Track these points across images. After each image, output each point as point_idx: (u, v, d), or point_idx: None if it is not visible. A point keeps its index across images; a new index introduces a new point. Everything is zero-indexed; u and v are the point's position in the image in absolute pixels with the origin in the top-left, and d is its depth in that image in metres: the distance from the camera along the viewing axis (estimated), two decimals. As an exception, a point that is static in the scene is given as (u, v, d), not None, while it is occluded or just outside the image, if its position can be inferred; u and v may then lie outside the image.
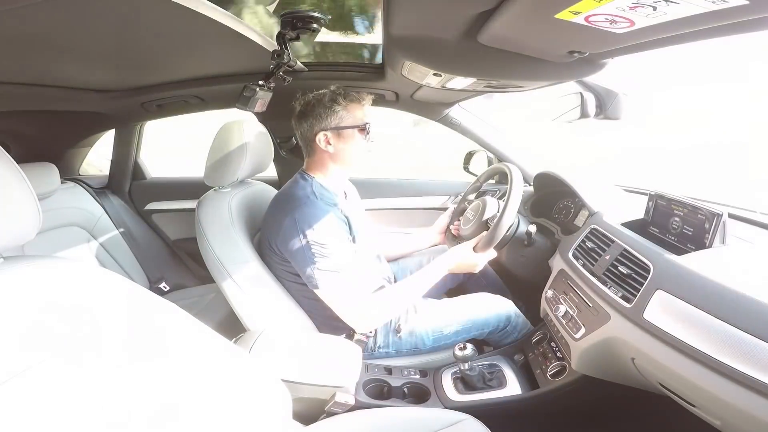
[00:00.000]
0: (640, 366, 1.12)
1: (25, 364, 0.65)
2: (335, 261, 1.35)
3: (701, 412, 0.99)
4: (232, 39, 1.30)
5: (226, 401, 0.92)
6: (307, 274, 1.36)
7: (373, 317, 1.44)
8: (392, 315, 1.50)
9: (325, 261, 1.34)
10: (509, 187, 1.51)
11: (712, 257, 1.06)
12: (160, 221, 2.75)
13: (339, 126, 1.45)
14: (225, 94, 2.10)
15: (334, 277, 1.35)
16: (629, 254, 1.24)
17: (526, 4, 0.78)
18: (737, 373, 0.83)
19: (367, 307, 1.41)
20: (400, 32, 1.14)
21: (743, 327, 0.85)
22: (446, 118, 2.30)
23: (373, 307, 1.42)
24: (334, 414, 1.26)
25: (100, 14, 1.01)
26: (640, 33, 0.85)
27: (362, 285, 1.45)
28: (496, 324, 1.61)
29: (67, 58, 1.37)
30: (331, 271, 1.35)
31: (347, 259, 1.38)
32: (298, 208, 1.37)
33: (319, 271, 1.34)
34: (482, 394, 1.40)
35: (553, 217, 1.97)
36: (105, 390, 0.72)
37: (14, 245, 0.70)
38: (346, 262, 1.37)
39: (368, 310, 1.41)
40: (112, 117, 2.38)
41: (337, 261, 1.35)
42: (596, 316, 1.25)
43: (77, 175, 2.74)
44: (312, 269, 1.34)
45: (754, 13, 0.68)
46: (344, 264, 1.36)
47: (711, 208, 1.10)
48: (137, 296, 0.87)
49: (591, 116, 1.55)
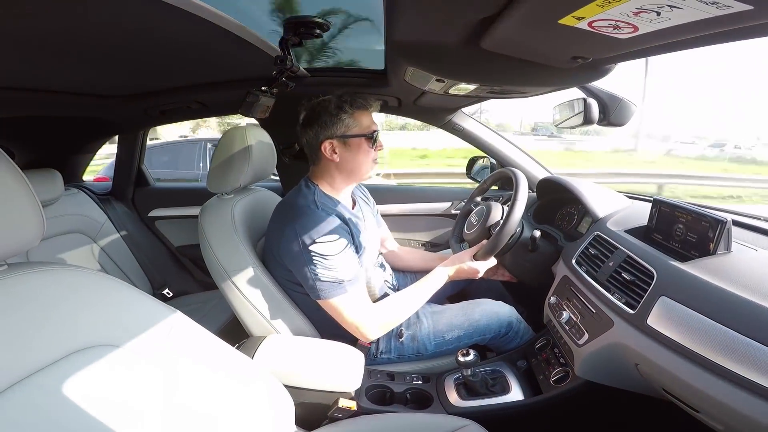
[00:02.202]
0: (643, 372, 1.11)
1: (29, 369, 0.65)
2: (337, 272, 1.33)
3: (705, 418, 0.98)
4: (235, 45, 1.31)
5: (229, 407, 0.92)
6: (309, 284, 1.35)
7: (376, 328, 1.42)
8: (395, 324, 1.48)
9: (326, 272, 1.32)
10: (514, 193, 1.50)
11: (716, 264, 1.05)
12: (164, 228, 2.76)
13: (345, 134, 1.42)
14: (228, 100, 2.11)
15: (336, 288, 1.34)
16: (633, 261, 1.24)
17: (530, 10, 0.78)
18: (741, 379, 0.82)
19: (370, 317, 1.40)
20: (403, 38, 1.14)
21: (747, 333, 0.84)
22: (449, 124, 2.30)
23: (376, 318, 1.41)
24: (336, 420, 1.26)
25: (102, 20, 1.01)
26: (643, 38, 0.85)
27: (365, 295, 1.44)
28: (498, 329, 1.60)
29: (70, 64, 1.38)
30: (333, 282, 1.33)
31: (350, 269, 1.36)
32: (299, 218, 1.35)
33: (320, 282, 1.33)
34: (485, 400, 1.39)
35: (556, 223, 1.96)
36: (107, 395, 0.72)
37: (18, 252, 0.70)
38: (348, 273, 1.35)
39: (371, 321, 1.40)
40: (115, 123, 2.39)
41: (339, 272, 1.33)
42: (599, 322, 1.24)
43: (81, 181, 2.75)
44: (314, 280, 1.33)
45: (758, 19, 0.68)
46: (346, 274, 1.35)
47: (715, 215, 1.10)
48: (140, 302, 0.87)
49: (595, 122, 1.55)
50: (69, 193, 2.31)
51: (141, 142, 2.68)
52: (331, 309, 1.38)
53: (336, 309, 1.37)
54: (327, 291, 1.34)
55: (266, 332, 1.45)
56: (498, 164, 2.34)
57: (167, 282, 2.56)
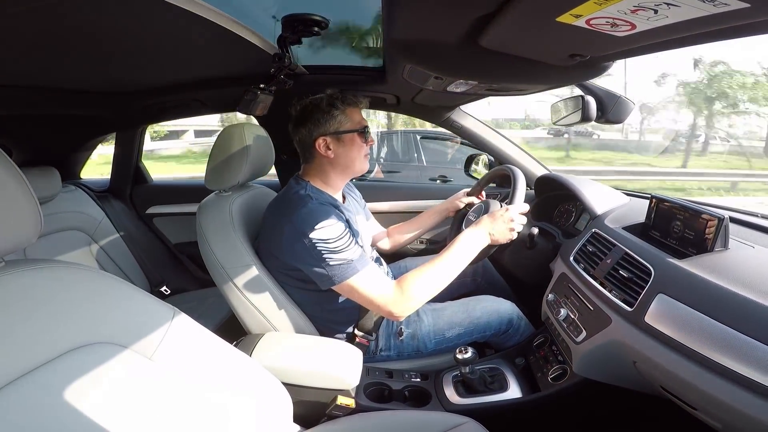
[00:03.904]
0: (641, 369, 1.12)
1: (26, 367, 0.65)
2: (344, 252, 1.30)
3: (703, 415, 0.99)
4: (234, 42, 1.31)
5: (227, 404, 0.92)
6: (319, 273, 1.32)
7: (404, 303, 1.33)
8: (427, 297, 1.37)
9: (334, 255, 1.29)
10: (512, 191, 1.50)
11: (713, 261, 1.06)
12: (162, 225, 2.76)
13: (339, 131, 1.43)
14: (226, 98, 2.11)
15: (347, 268, 1.30)
16: (630, 258, 1.24)
17: (528, 8, 0.78)
18: (739, 376, 0.83)
19: (394, 292, 1.33)
20: (401, 36, 1.14)
21: (745, 330, 0.85)
22: (447, 122, 2.30)
23: (402, 292, 1.33)
24: (335, 417, 1.26)
25: (101, 17, 1.01)
26: (641, 36, 0.85)
27: (380, 273, 1.38)
28: (498, 327, 1.60)
29: (68, 61, 1.37)
30: (343, 264, 1.30)
31: (355, 248, 1.33)
32: (295, 212, 1.34)
33: (330, 267, 1.30)
34: (483, 398, 1.39)
35: (554, 220, 1.97)
36: (105, 393, 0.72)
37: (16, 249, 0.70)
38: (354, 252, 1.32)
39: (396, 296, 1.32)
40: (113, 120, 2.39)
41: (347, 252, 1.30)
42: (597, 319, 1.25)
43: (78, 178, 2.75)
44: (324, 267, 1.30)
45: (755, 17, 0.68)
46: (353, 254, 1.31)
47: (712, 212, 1.10)
48: (138, 299, 0.87)
49: (593, 119, 1.55)
50: (66, 190, 2.31)
51: (139, 139, 2.67)
52: (351, 292, 1.34)
53: (355, 290, 1.32)
54: (340, 274, 1.30)
55: (264, 329, 1.45)
56: (496, 161, 2.34)
57: (165, 279, 2.56)
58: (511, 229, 1.42)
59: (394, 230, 2.01)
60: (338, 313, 1.49)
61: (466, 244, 1.41)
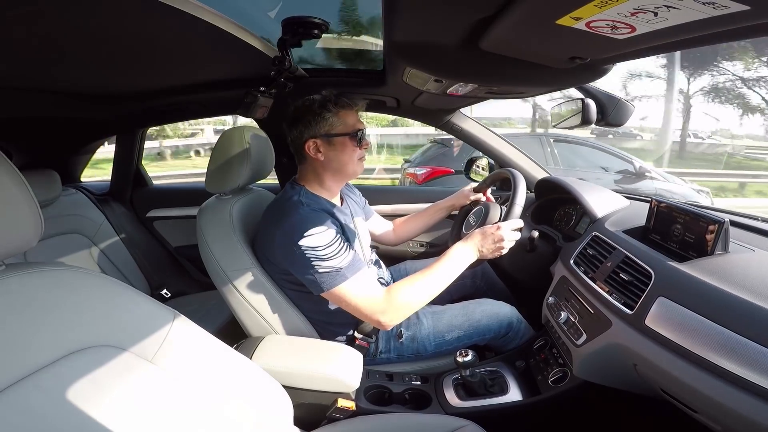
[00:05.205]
0: (642, 372, 1.11)
1: (27, 370, 0.65)
2: (333, 261, 1.30)
3: (703, 418, 0.98)
4: (233, 45, 1.31)
5: (227, 407, 0.92)
6: (309, 280, 1.33)
7: (393, 312, 1.34)
8: (416, 307, 1.39)
9: (322, 263, 1.29)
10: (512, 194, 1.50)
11: (714, 264, 1.06)
12: (162, 228, 2.76)
13: (329, 133, 1.42)
14: (226, 101, 2.11)
15: (335, 277, 1.30)
16: (631, 261, 1.24)
17: (527, 11, 0.78)
18: (739, 379, 0.83)
19: (382, 301, 1.34)
20: (401, 38, 1.14)
21: (745, 333, 0.85)
22: (447, 125, 2.30)
23: (389, 302, 1.34)
24: (335, 420, 1.26)
25: (100, 20, 1.01)
26: (641, 39, 0.85)
27: (371, 281, 1.39)
28: (498, 330, 1.60)
29: (68, 64, 1.38)
30: (331, 272, 1.30)
31: (345, 256, 1.33)
32: (286, 219, 1.34)
33: (319, 274, 1.30)
34: (483, 400, 1.39)
35: (554, 224, 1.97)
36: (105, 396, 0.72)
37: (16, 252, 0.70)
38: (344, 260, 1.32)
39: (384, 305, 1.33)
40: (113, 123, 2.39)
41: (335, 260, 1.30)
42: (598, 322, 1.24)
43: (79, 181, 2.75)
44: (312, 274, 1.30)
45: (756, 19, 0.68)
46: (343, 262, 1.31)
47: (713, 216, 1.10)
48: (139, 302, 0.87)
49: (593, 122, 1.55)
50: (67, 193, 2.31)
51: (139, 142, 2.68)
52: (338, 299, 1.35)
53: (342, 298, 1.33)
54: (328, 282, 1.30)
55: (265, 332, 1.45)
56: (496, 164, 2.33)
57: (165, 282, 2.56)
58: (499, 248, 1.43)
59: (399, 224, 2.02)
60: (338, 316, 1.48)
61: (455, 259, 1.42)
